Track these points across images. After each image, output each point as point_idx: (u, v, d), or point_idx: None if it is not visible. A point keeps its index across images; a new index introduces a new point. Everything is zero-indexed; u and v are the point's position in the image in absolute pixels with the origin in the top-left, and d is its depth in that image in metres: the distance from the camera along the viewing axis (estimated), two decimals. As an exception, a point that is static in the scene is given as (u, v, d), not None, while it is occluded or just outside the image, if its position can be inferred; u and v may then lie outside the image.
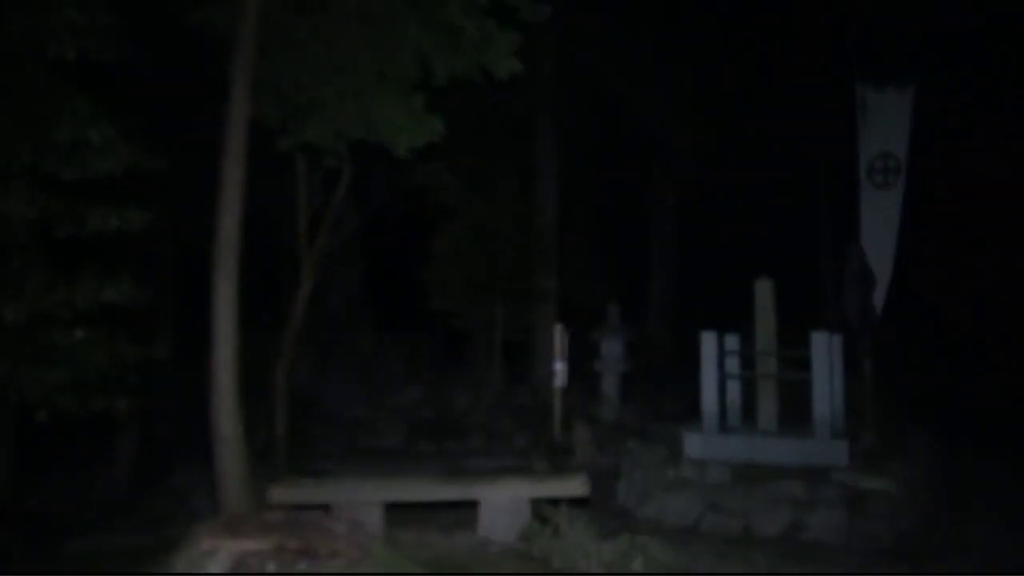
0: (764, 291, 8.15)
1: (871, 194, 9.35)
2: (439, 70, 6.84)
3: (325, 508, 5.54)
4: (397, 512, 5.98)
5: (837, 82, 10.32)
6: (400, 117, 6.82)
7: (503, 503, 5.62)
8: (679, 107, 12.27)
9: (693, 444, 7.49)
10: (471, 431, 11.64)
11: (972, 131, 11.53)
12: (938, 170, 10.78)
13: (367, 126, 6.92)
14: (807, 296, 12.84)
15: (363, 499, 5.55)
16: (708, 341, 7.86)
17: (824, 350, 7.33)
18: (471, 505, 5.73)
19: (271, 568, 3.38)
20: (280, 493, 5.42)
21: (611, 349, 11.97)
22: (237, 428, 5.06)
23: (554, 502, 5.87)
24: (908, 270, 9.57)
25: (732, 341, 8.37)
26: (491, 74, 6.83)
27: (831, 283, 11.67)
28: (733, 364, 8.38)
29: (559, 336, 10.74)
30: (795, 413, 8.41)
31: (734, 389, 8.43)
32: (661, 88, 12.25)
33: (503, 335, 13.05)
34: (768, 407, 7.95)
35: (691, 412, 8.82)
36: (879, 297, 8.95)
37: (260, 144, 7.40)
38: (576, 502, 6.06)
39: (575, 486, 5.70)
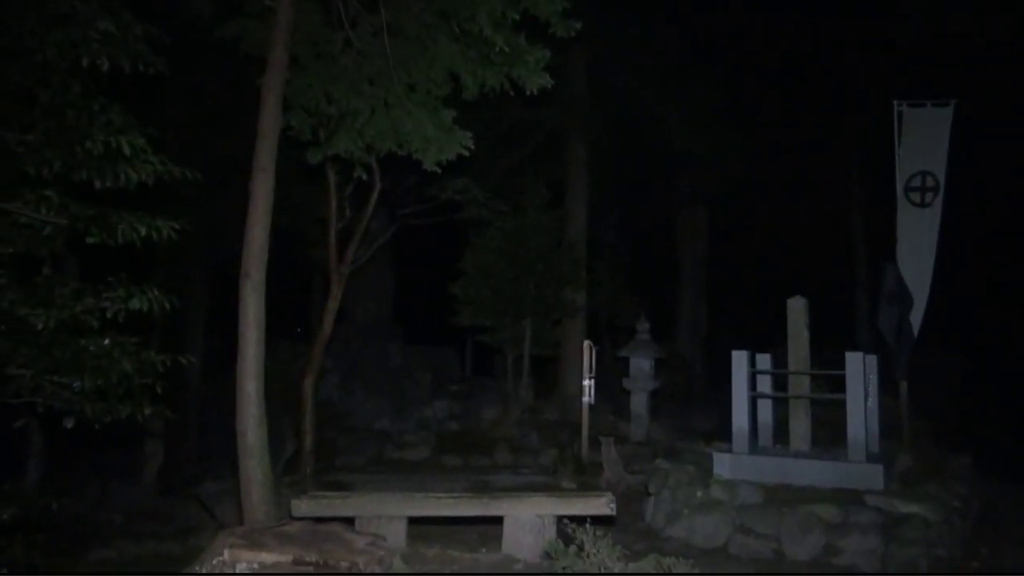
0: (797, 310, 8.00)
1: (908, 212, 9.16)
2: (469, 84, 6.85)
3: (349, 521, 5.53)
4: (421, 526, 5.94)
5: (874, 98, 10.15)
6: (430, 130, 6.83)
7: (528, 520, 5.55)
8: (711, 123, 12.16)
9: (723, 464, 7.34)
10: (498, 446, 11.57)
11: (1012, 149, 11.27)
12: (977, 189, 10.55)
13: (397, 139, 6.93)
14: (843, 316, 12.63)
15: (386, 513, 5.50)
16: (739, 360, 7.72)
17: (858, 370, 7.15)
18: (496, 521, 5.66)
19: (289, 581, 3.35)
20: (303, 505, 5.39)
21: (640, 366, 11.84)
22: (262, 438, 5.05)
23: (580, 520, 5.80)
24: (946, 290, 9.33)
25: (764, 360, 8.22)
26: (522, 89, 6.82)
27: (867, 302, 11.44)
28: (765, 384, 8.23)
29: (587, 352, 10.69)
30: (829, 435, 8.24)
31: (765, 409, 8.28)
32: (692, 104, 12.16)
33: (532, 350, 12.99)
34: (800, 428, 7.79)
35: (721, 431, 8.67)
36: (916, 317, 8.74)
37: (293, 157, 7.50)
38: (602, 521, 5.98)
39: (601, 505, 5.60)
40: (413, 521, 5.76)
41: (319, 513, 5.41)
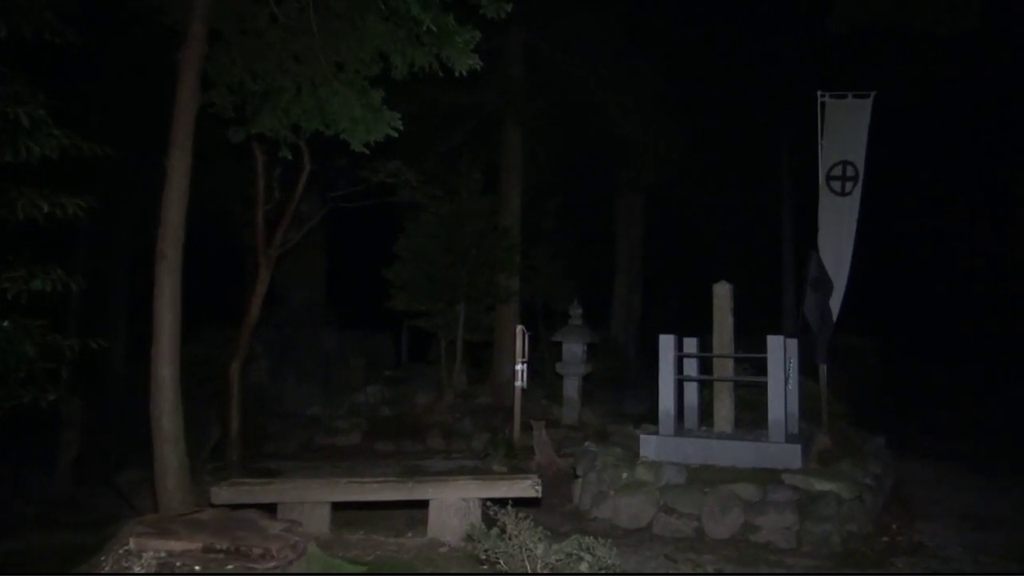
0: (722, 294, 8.16)
1: (829, 201, 9.42)
2: (398, 64, 6.74)
3: (272, 509, 5.43)
4: (349, 512, 5.88)
5: (802, 88, 10.38)
6: (358, 110, 6.69)
7: (453, 504, 5.55)
8: (648, 109, 12.27)
9: (649, 446, 7.47)
10: (431, 431, 11.53)
11: (929, 140, 11.70)
12: (895, 178, 10.91)
13: (324, 118, 6.78)
14: (770, 301, 12.95)
15: (309, 499, 5.43)
16: (666, 344, 7.84)
17: (779, 354, 7.34)
18: (424, 506, 5.65)
19: (197, 569, 3.25)
20: (222, 493, 5.27)
21: (572, 351, 11.94)
22: (178, 424, 4.92)
23: (509, 503, 5.83)
24: (865, 276, 9.65)
25: (691, 344, 8.37)
26: (452, 70, 6.75)
27: (793, 288, 11.76)
28: (691, 367, 8.39)
29: (520, 337, 10.73)
30: (753, 416, 8.47)
31: (692, 392, 8.45)
32: (629, 90, 12.24)
33: (465, 335, 12.96)
34: (724, 410, 7.97)
35: (652, 415, 8.82)
36: (835, 302, 9.01)
37: (220, 136, 7.27)
38: (530, 504, 6.01)
39: (526, 487, 5.63)
40: (340, 507, 5.70)
41: (239, 500, 5.31)
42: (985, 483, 8.14)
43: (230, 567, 3.32)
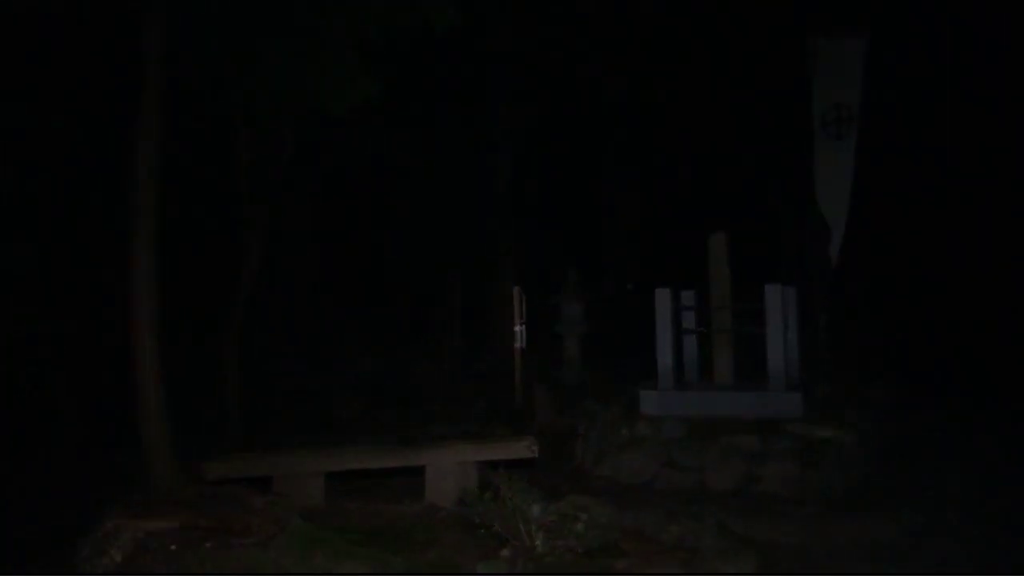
0: (718, 245, 8.04)
1: (825, 145, 9.25)
2: (374, 25, 6.56)
3: (268, 482, 5.39)
4: (348, 482, 5.83)
5: (790, 31, 10.13)
6: (335, 76, 6.54)
7: (449, 468, 5.49)
8: (629, 64, 12.01)
9: (649, 401, 7.39)
10: (432, 398, 11.50)
11: (926, 81, 11.44)
12: (893, 120, 10.69)
13: (301, 85, 6.63)
14: (768, 250, 12.76)
15: (303, 470, 5.38)
16: (662, 297, 7.74)
17: (777, 303, 7.24)
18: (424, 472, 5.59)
19: (173, 548, 3.19)
20: (215, 467, 5.22)
21: (570, 312, 11.84)
22: (161, 399, 4.84)
23: (510, 465, 5.78)
24: (864, 222, 9.50)
25: (688, 297, 8.28)
26: (432, 30, 6.56)
27: (789, 236, 11.59)
28: (689, 320, 8.30)
29: (517, 299, 10.65)
30: (754, 367, 8.37)
31: (691, 345, 8.38)
32: (610, 45, 11.97)
33: (463, 301, 12.89)
34: (723, 361, 7.89)
35: (653, 371, 8.75)
36: (834, 250, 8.89)
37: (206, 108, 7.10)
38: (530, 464, 5.97)
39: (522, 448, 5.57)
40: (342, 477, 5.65)
41: (233, 474, 5.26)
42: (996, 425, 8.05)
43: (208, 544, 3.26)
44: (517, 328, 10.48)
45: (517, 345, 10.34)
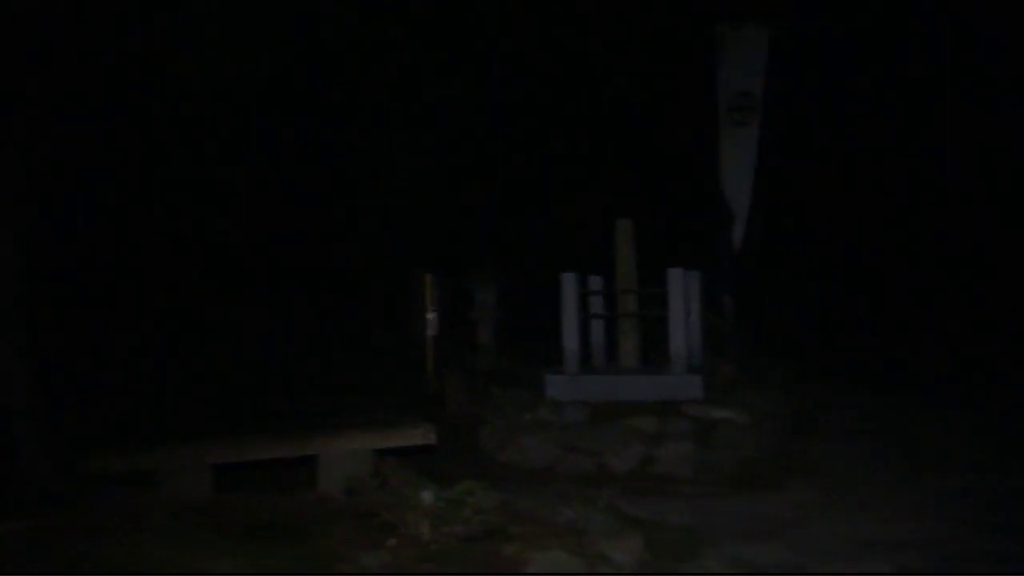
0: (624, 230, 8.09)
1: (730, 132, 9.40)
2: None
3: (151, 476, 5.14)
4: (240, 473, 5.61)
5: (698, 18, 10.25)
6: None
7: (343, 457, 5.34)
8: (538, 43, 11.98)
9: (555, 386, 7.40)
10: (345, 387, 11.26)
11: (828, 70, 11.78)
12: (795, 109, 10.96)
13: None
14: (678, 235, 12.96)
15: (187, 463, 5.14)
16: (568, 282, 7.74)
17: (679, 287, 7.32)
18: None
19: (16, 549, 2.97)
20: (93, 462, 4.93)
21: (485, 297, 11.78)
22: (29, 389, 4.56)
23: (409, 453, 5.67)
24: (766, 207, 9.71)
25: (596, 282, 8.31)
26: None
27: (696, 222, 11.79)
28: (597, 304, 8.34)
29: (429, 286, 10.52)
30: (661, 351, 8.47)
31: (599, 330, 8.42)
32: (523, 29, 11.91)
33: (381, 287, 12.67)
34: (628, 346, 7.96)
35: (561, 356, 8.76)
36: (737, 234, 9.06)
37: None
38: (431, 451, 5.88)
39: (418, 435, 5.48)
40: (231, 468, 5.44)
41: (113, 469, 4.98)
42: (886, 403, 8.37)
43: (54, 545, 3.05)
44: (429, 316, 10.36)
45: (429, 333, 10.21)
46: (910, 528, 4.58)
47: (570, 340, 7.61)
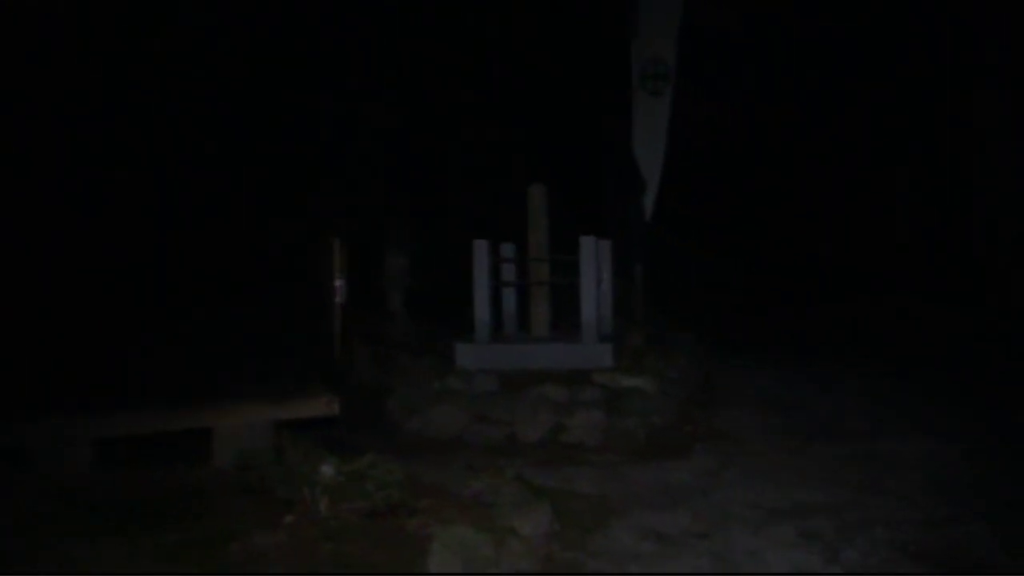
0: (537, 196, 7.97)
1: (642, 100, 9.36)
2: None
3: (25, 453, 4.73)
4: (130, 450, 5.24)
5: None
6: None
7: (238, 431, 5.06)
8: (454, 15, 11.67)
9: (465, 354, 7.27)
10: (248, 358, 10.81)
11: (741, 38, 11.90)
12: (706, 77, 11.03)
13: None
14: (592, 203, 12.95)
15: (64, 437, 4.75)
16: (480, 249, 7.59)
17: (591, 254, 7.27)
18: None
19: None
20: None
21: (396, 262, 11.49)
22: None
23: (312, 425, 5.43)
24: (679, 176, 9.76)
25: (508, 249, 8.18)
26: None
27: (609, 189, 11.79)
28: (509, 272, 8.21)
29: (337, 251, 10.14)
30: (572, 320, 8.44)
31: (511, 298, 8.30)
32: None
33: (286, 253, 12.14)
34: (540, 314, 7.89)
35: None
36: (648, 203, 9.07)
37: None
38: (332, 423, 5.66)
39: (320, 406, 5.26)
40: (117, 444, 5.06)
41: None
42: (791, 373, 8.59)
43: None
44: (338, 283, 10.00)
45: (337, 300, 9.86)
46: (810, 494, 4.65)
47: (481, 309, 7.48)
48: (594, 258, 7.31)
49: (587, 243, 7.31)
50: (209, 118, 11.83)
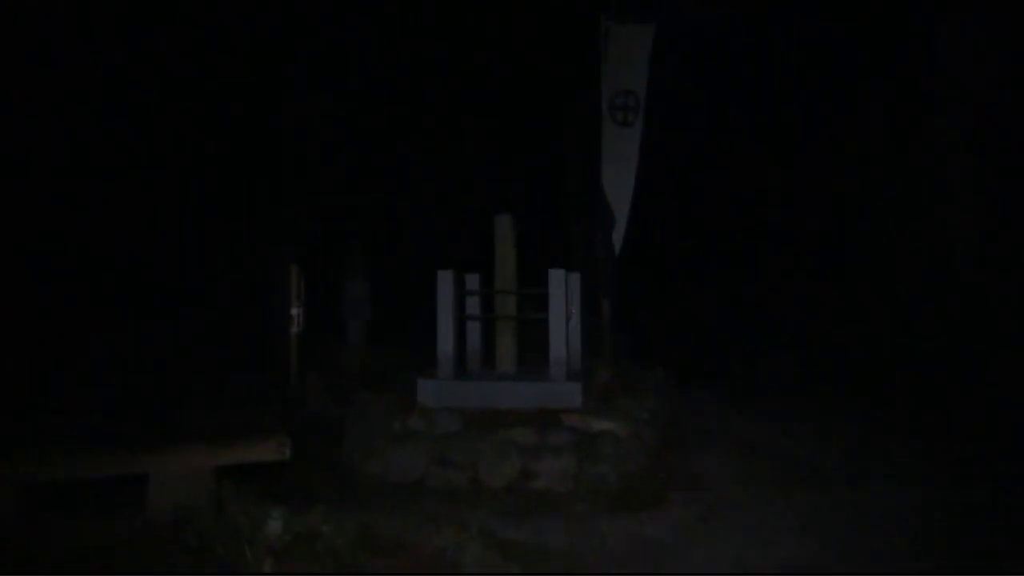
0: (504, 226, 7.67)
1: (611, 132, 9.15)
2: None
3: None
4: (63, 497, 4.76)
5: (585, 15, 9.99)
6: None
7: (178, 476, 4.61)
8: (421, 38, 11.44)
9: (427, 391, 6.89)
10: (195, 388, 10.25)
11: (709, 69, 11.85)
12: (675, 109, 10.92)
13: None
14: (560, 235, 12.74)
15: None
16: (444, 280, 7.24)
17: (560, 289, 6.98)
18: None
19: None
20: None
21: (354, 290, 11.07)
22: None
23: (259, 467, 5.01)
24: (647, 209, 9.56)
25: (473, 280, 7.85)
26: None
27: (578, 222, 11.59)
28: (474, 305, 7.88)
29: (295, 278, 9.71)
30: (540, 356, 8.11)
31: (475, 332, 7.96)
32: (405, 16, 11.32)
33: (243, 275, 11.69)
34: (506, 349, 7.56)
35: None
36: (617, 237, 8.83)
37: None
38: (283, 465, 5.24)
39: (271, 449, 4.82)
40: (46, 489, 4.59)
41: None
42: (754, 410, 8.36)
43: None
44: (294, 311, 9.56)
45: (294, 330, 9.42)
46: (791, 551, 4.39)
47: (444, 343, 7.12)
48: (564, 292, 7.02)
49: (556, 276, 7.02)
50: (169, 133, 11.39)
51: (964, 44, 11.58)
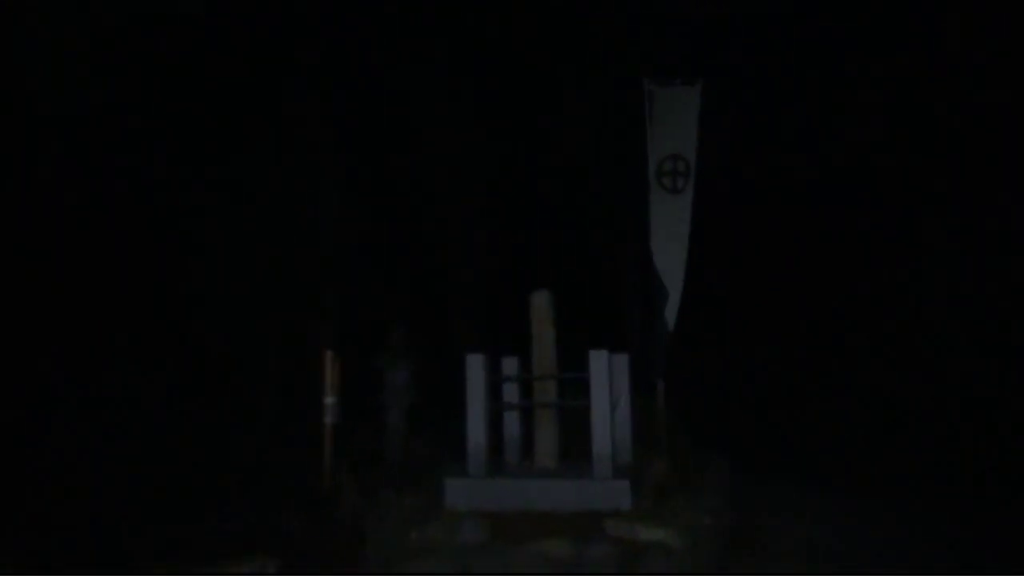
0: (542, 305, 7.00)
1: (661, 199, 8.52)
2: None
3: None
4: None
5: (626, 79, 9.51)
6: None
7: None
8: (461, 107, 11.13)
9: (456, 492, 6.17)
10: (223, 480, 9.71)
11: (762, 130, 11.17)
12: (729, 173, 10.22)
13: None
14: (609, 313, 12.00)
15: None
16: (474, 365, 6.58)
17: (603, 372, 6.21)
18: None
19: None
20: None
21: (394, 378, 10.49)
22: None
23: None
24: (701, 281, 8.79)
25: (511, 364, 7.14)
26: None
27: (628, 298, 10.83)
28: (512, 392, 7.16)
29: (329, 365, 9.19)
30: (587, 444, 7.29)
31: (513, 421, 7.21)
32: (444, 89, 11.06)
33: (278, 361, 11.28)
34: (546, 441, 6.79)
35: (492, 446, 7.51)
36: (671, 312, 8.06)
37: None
38: None
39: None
40: None
41: None
42: (832, 504, 7.28)
43: None
44: (328, 400, 8.99)
45: (328, 420, 8.84)
46: None
47: (475, 436, 6.42)
48: (607, 376, 6.25)
49: (599, 358, 6.26)
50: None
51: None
